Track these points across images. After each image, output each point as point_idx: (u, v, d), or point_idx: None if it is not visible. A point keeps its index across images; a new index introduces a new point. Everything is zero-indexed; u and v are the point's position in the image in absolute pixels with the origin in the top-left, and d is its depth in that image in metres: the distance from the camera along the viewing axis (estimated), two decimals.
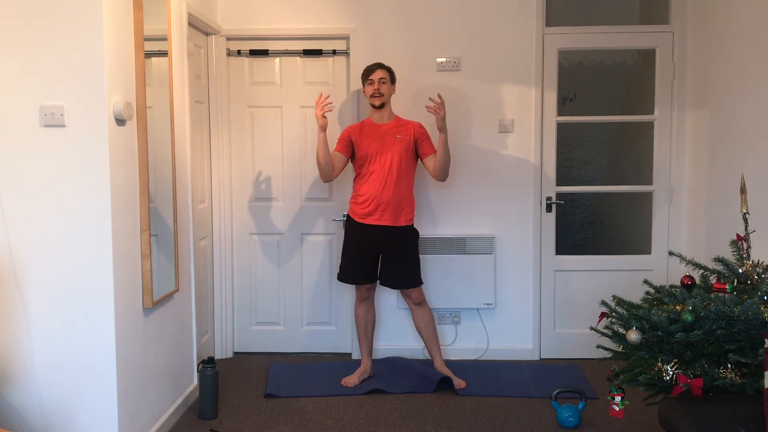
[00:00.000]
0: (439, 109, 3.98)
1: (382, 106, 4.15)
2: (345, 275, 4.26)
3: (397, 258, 4.18)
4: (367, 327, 4.30)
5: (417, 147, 4.17)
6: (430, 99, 4.05)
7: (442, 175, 4.15)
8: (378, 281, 4.28)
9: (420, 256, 4.32)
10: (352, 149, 4.20)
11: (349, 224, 4.25)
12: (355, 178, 4.26)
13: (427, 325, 4.28)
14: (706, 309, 2.59)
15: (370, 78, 4.14)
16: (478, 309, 4.68)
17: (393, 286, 4.27)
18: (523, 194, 4.63)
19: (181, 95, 3.81)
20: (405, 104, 4.43)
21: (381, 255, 4.21)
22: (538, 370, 4.43)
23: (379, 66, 4.17)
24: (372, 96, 4.14)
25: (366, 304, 4.29)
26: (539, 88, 4.56)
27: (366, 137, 4.15)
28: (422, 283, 4.27)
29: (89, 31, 2.87)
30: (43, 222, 2.93)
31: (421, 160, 4.21)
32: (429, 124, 4.23)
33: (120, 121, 3.00)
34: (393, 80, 4.22)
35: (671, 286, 2.90)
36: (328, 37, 4.61)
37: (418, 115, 4.32)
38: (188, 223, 3.92)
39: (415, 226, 4.27)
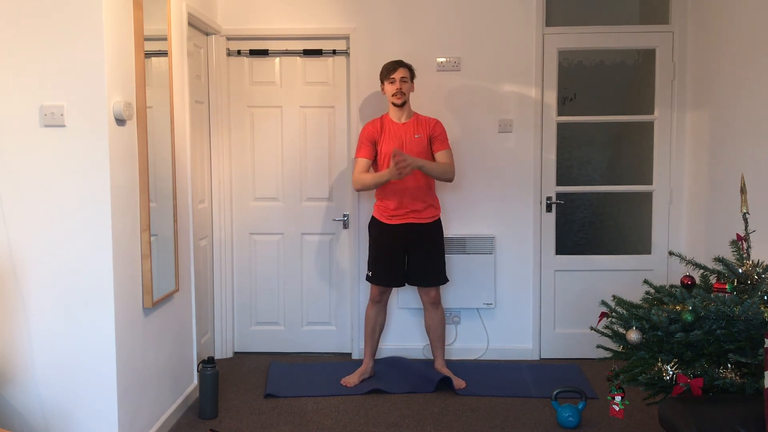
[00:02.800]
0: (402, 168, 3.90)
1: (403, 105, 4.12)
2: (375, 278, 4.22)
3: (426, 253, 4.18)
4: (375, 329, 4.30)
5: (430, 142, 4.15)
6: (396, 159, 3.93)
7: (441, 180, 4.19)
8: (402, 285, 4.27)
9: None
10: (375, 150, 4.18)
11: (375, 226, 4.23)
12: None
13: (437, 326, 4.28)
14: (706, 309, 2.59)
15: (392, 77, 4.08)
16: (478, 309, 4.68)
17: (422, 284, 4.23)
18: (523, 194, 4.63)
19: (181, 95, 3.81)
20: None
21: (407, 254, 4.19)
22: (538, 370, 4.43)
23: (401, 64, 4.12)
24: (393, 95, 4.09)
25: (378, 306, 4.28)
26: (539, 88, 4.57)
27: (386, 138, 4.12)
28: (447, 280, 4.27)
29: (89, 31, 2.87)
30: (43, 222, 2.93)
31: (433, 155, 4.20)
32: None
33: (120, 121, 3.00)
34: (413, 77, 4.18)
35: (671, 286, 2.90)
36: (328, 37, 4.61)
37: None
38: (188, 223, 3.92)
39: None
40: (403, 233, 4.14)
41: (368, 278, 4.27)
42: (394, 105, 4.12)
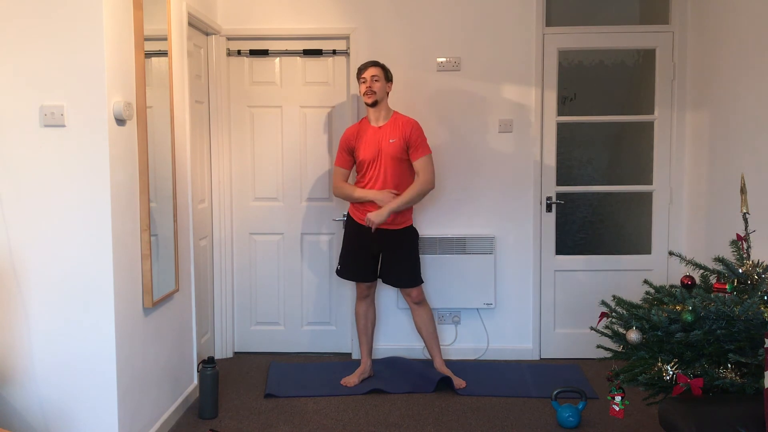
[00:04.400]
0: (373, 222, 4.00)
1: (375, 104, 4.10)
2: (344, 272, 4.27)
3: (396, 258, 4.19)
4: (366, 325, 4.30)
5: (408, 148, 4.11)
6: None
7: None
8: (379, 279, 4.28)
9: (420, 256, 4.32)
10: (353, 157, 4.19)
11: (350, 223, 4.25)
12: (356, 181, 4.23)
13: (426, 324, 4.28)
14: (706, 309, 2.59)
15: (363, 76, 4.10)
16: (478, 309, 4.68)
17: (393, 284, 4.28)
18: (523, 194, 4.63)
19: (181, 95, 3.81)
20: (405, 105, 4.43)
21: (381, 255, 4.21)
22: (538, 370, 4.43)
23: (372, 64, 4.12)
24: (365, 94, 4.09)
25: (366, 303, 4.29)
26: (539, 88, 4.56)
27: (362, 144, 4.11)
28: (422, 282, 4.27)
29: (89, 31, 2.87)
30: (43, 222, 2.93)
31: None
32: (428, 121, 4.23)
33: (120, 121, 3.00)
34: (388, 78, 4.15)
35: (671, 286, 2.90)
36: (328, 37, 4.61)
37: (418, 116, 4.31)
38: (188, 223, 3.92)
39: (414, 226, 4.27)
40: (375, 236, 4.13)
41: (337, 271, 4.30)
42: (366, 104, 4.11)
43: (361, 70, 4.13)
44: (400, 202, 4.04)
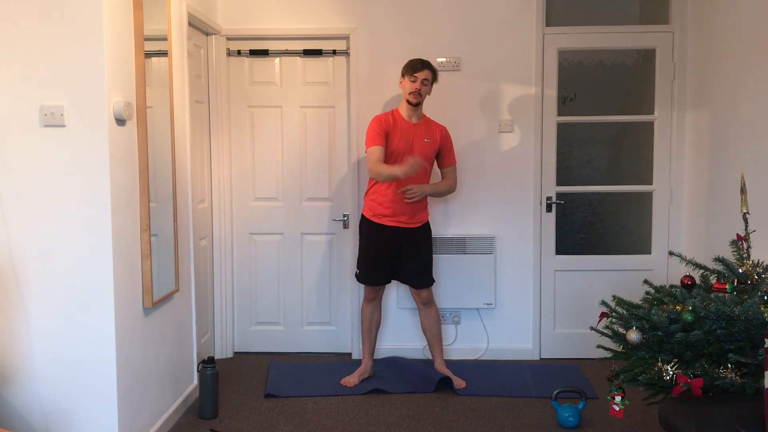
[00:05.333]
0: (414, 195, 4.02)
1: (417, 105, 4.12)
2: (365, 277, 4.22)
3: (415, 256, 4.19)
4: (371, 327, 4.30)
5: (438, 153, 4.18)
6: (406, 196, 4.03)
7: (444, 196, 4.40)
8: (389, 282, 4.29)
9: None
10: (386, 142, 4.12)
11: (366, 225, 4.21)
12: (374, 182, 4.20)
13: (432, 325, 4.29)
14: (706, 309, 2.60)
15: (415, 75, 4.06)
16: (478, 309, 4.68)
17: (408, 283, 4.26)
18: (523, 194, 4.63)
19: (181, 95, 3.81)
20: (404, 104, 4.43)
21: (400, 254, 4.20)
22: (538, 370, 4.43)
23: (428, 66, 4.09)
24: (411, 93, 4.07)
25: (374, 304, 4.29)
26: (539, 88, 4.57)
27: (397, 133, 4.09)
28: (434, 282, 4.28)
29: (89, 31, 2.87)
30: (43, 222, 2.93)
31: (439, 168, 4.24)
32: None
33: (120, 121, 3.00)
34: (435, 81, 4.16)
35: (671, 286, 2.90)
36: (328, 37, 4.61)
37: None
38: (188, 223, 3.92)
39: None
40: (394, 234, 4.14)
41: (357, 277, 4.28)
42: (408, 103, 4.11)
43: (416, 68, 4.07)
44: (434, 189, 4.17)
